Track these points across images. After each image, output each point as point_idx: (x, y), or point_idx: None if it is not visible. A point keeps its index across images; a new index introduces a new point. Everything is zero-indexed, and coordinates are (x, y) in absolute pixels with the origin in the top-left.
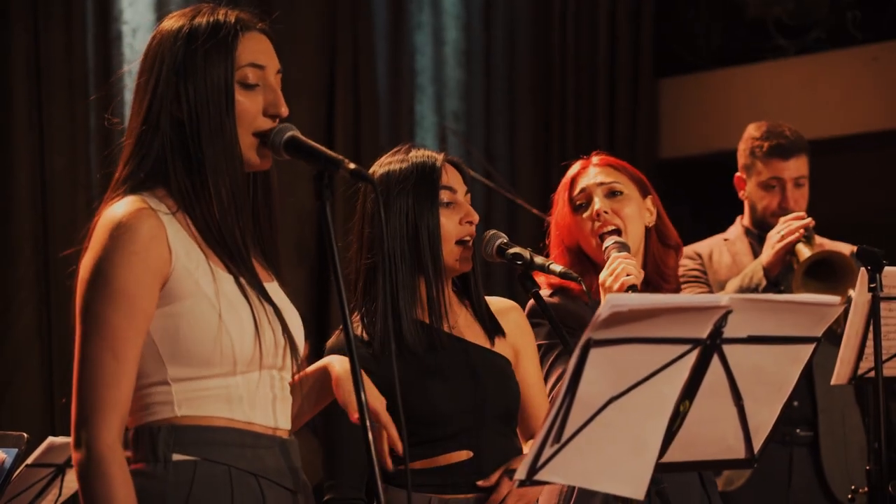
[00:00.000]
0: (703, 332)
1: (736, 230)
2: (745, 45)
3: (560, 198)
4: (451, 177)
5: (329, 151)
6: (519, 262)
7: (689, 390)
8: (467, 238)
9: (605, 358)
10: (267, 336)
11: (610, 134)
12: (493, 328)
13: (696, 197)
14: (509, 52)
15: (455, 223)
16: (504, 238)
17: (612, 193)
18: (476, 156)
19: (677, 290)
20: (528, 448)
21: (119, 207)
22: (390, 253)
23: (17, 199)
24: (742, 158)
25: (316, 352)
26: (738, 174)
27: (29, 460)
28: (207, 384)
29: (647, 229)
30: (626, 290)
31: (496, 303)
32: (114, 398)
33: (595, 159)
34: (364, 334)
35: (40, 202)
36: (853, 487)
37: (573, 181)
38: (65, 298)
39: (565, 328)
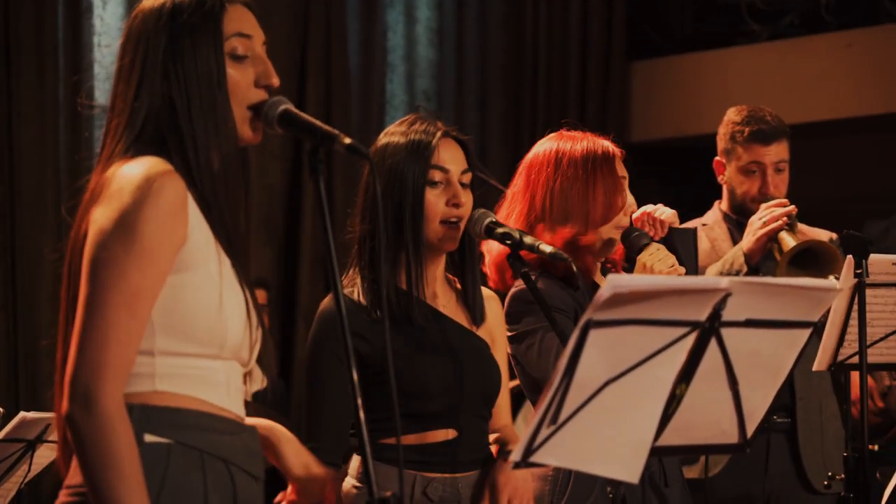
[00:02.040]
0: (703, 315)
1: (714, 215)
2: (718, 30)
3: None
4: (447, 155)
5: (324, 126)
6: (508, 242)
7: (686, 374)
8: (453, 219)
9: (604, 339)
10: (253, 328)
11: (581, 115)
12: (479, 314)
13: (667, 182)
14: (481, 31)
15: (442, 203)
16: (493, 217)
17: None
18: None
19: None
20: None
21: (142, 164)
22: (379, 226)
23: None
24: (722, 143)
25: (286, 331)
26: (717, 158)
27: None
28: (192, 363)
29: None
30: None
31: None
32: (124, 356)
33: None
34: (361, 298)
35: (7, 173)
36: (829, 474)
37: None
38: (31, 270)
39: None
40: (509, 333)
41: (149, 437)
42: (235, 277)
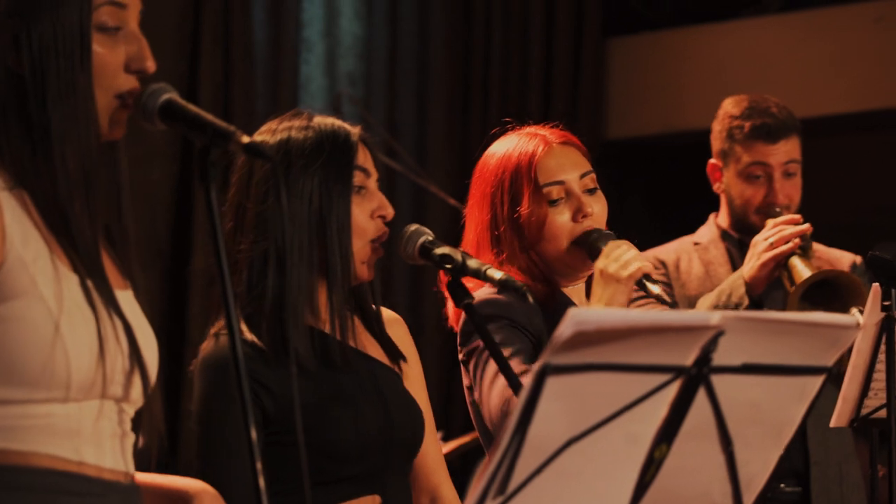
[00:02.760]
0: (688, 359)
1: (709, 232)
2: None
3: (520, 184)
4: (364, 157)
5: (217, 120)
6: (448, 266)
7: (668, 432)
8: (380, 236)
9: (564, 389)
10: (113, 358)
11: (545, 107)
12: (391, 346)
13: (651, 187)
14: (420, 0)
15: (367, 216)
16: (429, 235)
17: (590, 190)
18: (377, 129)
19: None
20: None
21: None
22: (287, 244)
23: None
24: (717, 142)
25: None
26: (711, 161)
27: None
28: (31, 410)
29: None
30: (642, 280)
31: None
32: None
33: (556, 136)
34: (257, 339)
35: None
36: None
37: (534, 164)
38: None
39: (517, 327)
40: (460, 356)
41: None
42: (85, 299)
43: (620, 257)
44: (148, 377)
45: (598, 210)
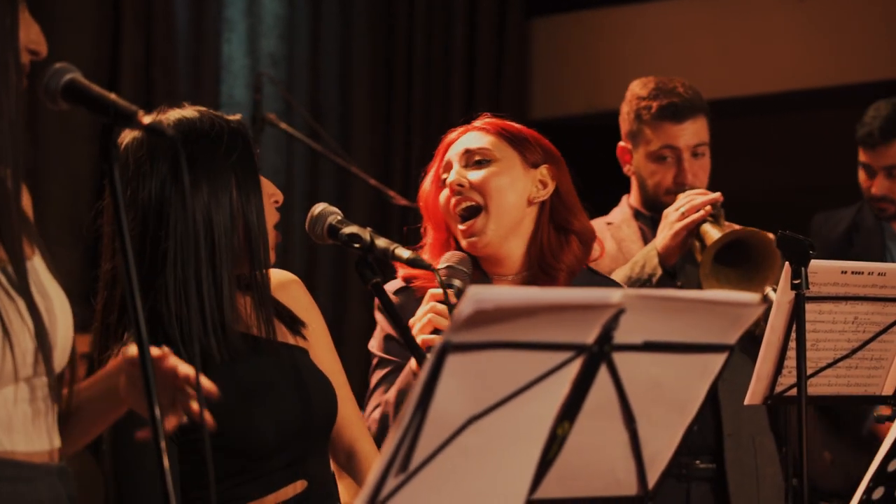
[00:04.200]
0: (589, 337)
1: (621, 212)
2: None
3: (431, 169)
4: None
5: (120, 100)
6: (356, 246)
7: (570, 409)
8: (278, 221)
9: (465, 367)
10: (21, 340)
11: (469, 86)
12: (291, 318)
13: (577, 169)
14: None
15: (268, 202)
16: (338, 214)
17: (476, 162)
18: (299, 110)
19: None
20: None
21: None
22: (194, 235)
23: None
24: (626, 124)
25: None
26: (621, 143)
27: None
28: None
29: (540, 207)
30: (426, 350)
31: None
32: None
33: (478, 122)
34: (161, 342)
35: None
36: None
37: (446, 150)
38: None
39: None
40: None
41: None
42: None
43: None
44: (50, 348)
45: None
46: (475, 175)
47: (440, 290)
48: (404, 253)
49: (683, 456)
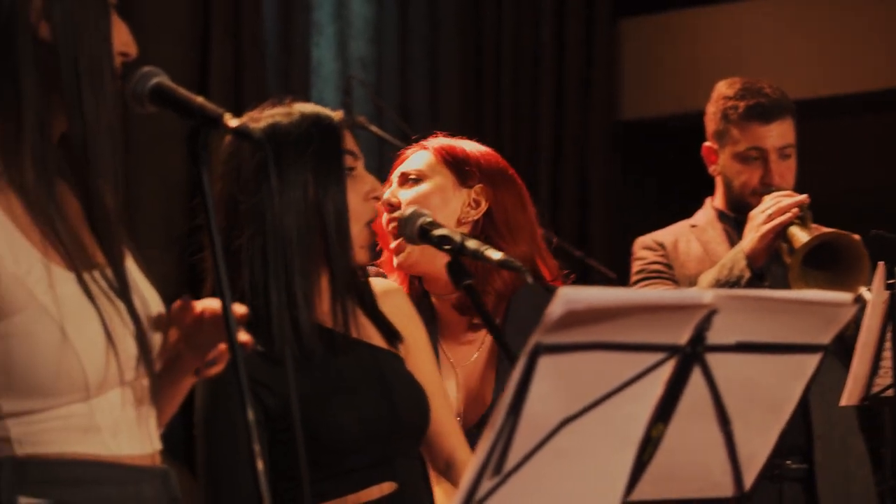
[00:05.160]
0: (682, 338)
1: (706, 214)
2: None
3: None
4: (350, 139)
5: (207, 103)
6: (447, 247)
7: (664, 411)
8: (374, 218)
9: (557, 368)
10: (123, 345)
11: (557, 88)
12: (389, 327)
13: (666, 170)
14: None
15: (361, 199)
16: (428, 216)
17: (411, 180)
18: (388, 113)
19: (477, 326)
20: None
21: None
22: (284, 234)
23: None
24: (712, 124)
25: None
26: (707, 144)
27: None
28: (54, 414)
29: (473, 228)
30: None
31: (373, 285)
32: None
33: (425, 141)
34: (255, 340)
35: None
36: None
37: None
38: None
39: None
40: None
41: (24, 500)
42: (84, 295)
43: None
44: (151, 352)
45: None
46: (405, 194)
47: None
48: (494, 254)
49: (775, 457)
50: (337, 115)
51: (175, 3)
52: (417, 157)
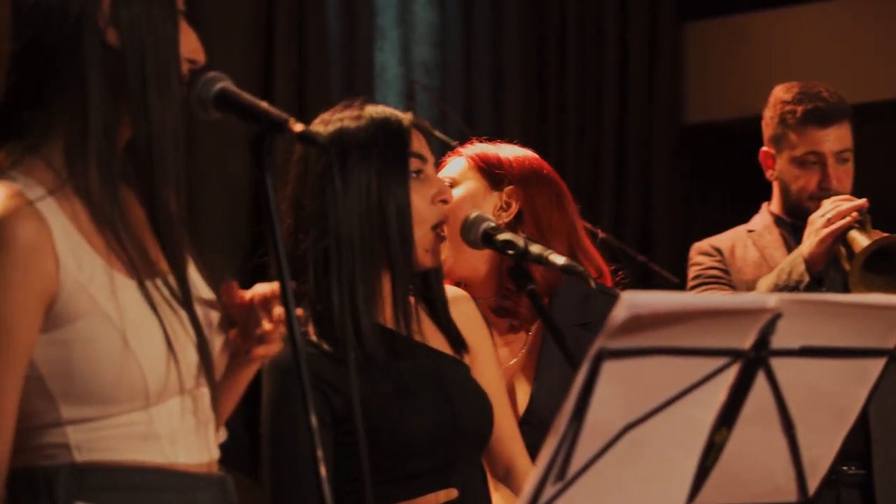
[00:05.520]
0: (746, 342)
1: (762, 219)
2: None
3: None
4: (419, 142)
5: (271, 109)
6: (510, 252)
7: (728, 416)
8: (442, 221)
9: (620, 373)
10: (184, 353)
11: (621, 92)
12: (456, 335)
13: (730, 174)
14: None
15: (427, 202)
16: (492, 221)
17: (451, 185)
18: (452, 118)
19: (516, 328)
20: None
21: None
22: (346, 237)
23: None
24: (769, 129)
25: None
26: (764, 148)
27: None
28: (114, 422)
29: (506, 228)
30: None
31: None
32: None
33: (460, 148)
34: (322, 341)
35: None
36: None
37: None
38: None
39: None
40: None
41: None
42: (146, 302)
43: None
44: (212, 362)
45: None
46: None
47: None
48: (559, 259)
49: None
50: (406, 117)
51: (239, 9)
52: (453, 164)
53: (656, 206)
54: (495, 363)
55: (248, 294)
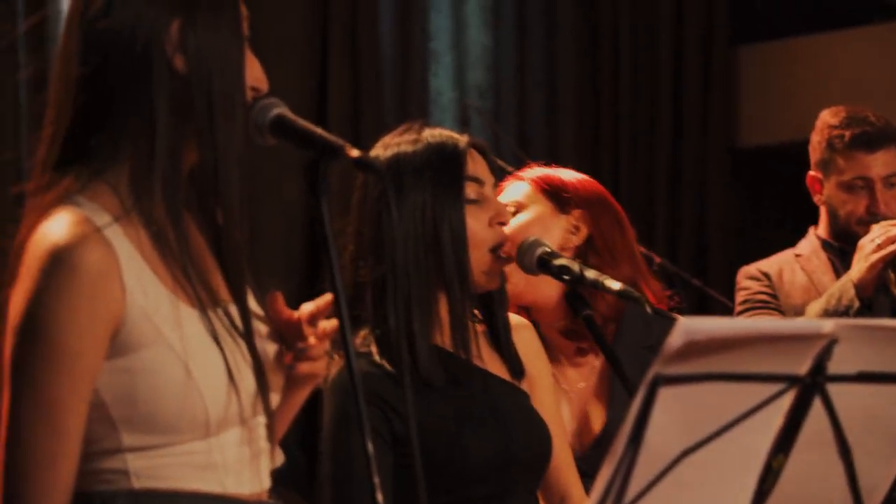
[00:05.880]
0: (802, 368)
1: (810, 244)
2: (849, 3)
3: None
4: (476, 165)
5: (326, 134)
6: (566, 278)
7: (784, 441)
8: (501, 243)
9: (677, 399)
10: (244, 383)
11: (675, 115)
12: (516, 361)
13: (785, 197)
14: (548, 10)
15: (484, 225)
16: (547, 246)
17: (515, 212)
18: (506, 141)
19: (585, 351)
20: None
21: (54, 228)
22: (402, 261)
23: None
24: (816, 153)
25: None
26: (811, 173)
27: None
28: (174, 451)
29: (574, 254)
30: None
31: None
32: (50, 481)
33: (521, 172)
34: (386, 363)
35: None
36: None
37: None
38: None
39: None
40: None
41: None
42: (208, 332)
43: None
44: (268, 392)
45: None
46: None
47: None
48: (614, 285)
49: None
50: (463, 139)
51: (293, 33)
52: (514, 189)
53: (710, 230)
54: (553, 393)
55: (295, 313)
